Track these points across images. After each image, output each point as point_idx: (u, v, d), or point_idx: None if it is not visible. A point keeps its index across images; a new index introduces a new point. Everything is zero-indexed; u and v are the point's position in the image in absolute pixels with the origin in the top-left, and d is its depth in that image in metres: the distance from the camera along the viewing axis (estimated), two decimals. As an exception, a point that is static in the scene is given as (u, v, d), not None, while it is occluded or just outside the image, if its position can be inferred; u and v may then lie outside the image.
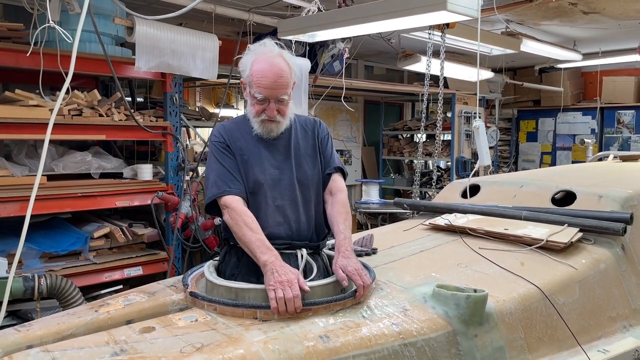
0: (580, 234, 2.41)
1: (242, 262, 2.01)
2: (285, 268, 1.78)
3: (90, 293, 3.76)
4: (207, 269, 2.00)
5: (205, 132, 6.00)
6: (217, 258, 2.15)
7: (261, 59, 1.97)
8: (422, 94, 4.91)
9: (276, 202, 2.02)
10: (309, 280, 1.87)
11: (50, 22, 1.96)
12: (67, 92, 3.56)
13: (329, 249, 2.23)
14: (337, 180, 2.14)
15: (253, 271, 1.94)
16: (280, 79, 1.94)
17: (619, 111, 8.13)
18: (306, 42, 4.75)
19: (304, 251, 2.01)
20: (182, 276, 2.08)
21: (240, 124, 2.12)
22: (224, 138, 2.06)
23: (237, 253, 2.04)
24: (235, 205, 1.94)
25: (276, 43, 2.03)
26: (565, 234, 2.37)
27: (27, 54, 3.20)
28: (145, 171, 4.21)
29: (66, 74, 3.21)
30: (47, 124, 2.55)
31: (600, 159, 4.96)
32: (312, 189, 2.10)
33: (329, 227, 2.10)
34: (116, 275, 3.98)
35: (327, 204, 2.11)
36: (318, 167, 2.13)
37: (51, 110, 3.56)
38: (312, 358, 1.54)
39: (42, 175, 3.59)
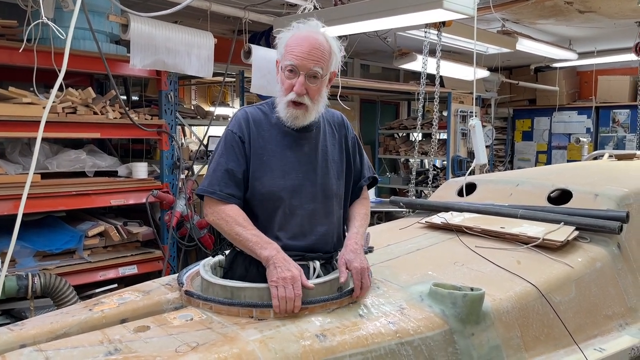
0: (576, 233, 2.41)
1: (250, 273, 1.88)
2: (288, 263, 1.70)
3: (85, 292, 3.74)
4: (203, 268, 1.98)
5: (201, 131, 5.98)
6: (218, 256, 2.06)
7: (299, 33, 1.82)
8: (418, 93, 4.91)
9: (294, 212, 1.86)
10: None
11: (43, 18, 1.94)
12: (62, 89, 3.55)
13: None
14: (364, 190, 2.09)
15: (261, 282, 1.81)
16: (315, 50, 1.77)
17: (614, 110, 8.16)
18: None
19: (317, 263, 1.88)
20: (177, 275, 2.06)
21: (268, 113, 1.91)
22: (243, 131, 1.86)
23: (244, 263, 1.90)
24: (222, 207, 1.81)
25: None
26: (562, 233, 2.37)
27: (20, 51, 3.18)
28: (140, 169, 4.19)
29: (60, 72, 3.21)
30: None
31: (595, 158, 4.96)
32: (335, 200, 1.95)
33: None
34: (111, 274, 3.96)
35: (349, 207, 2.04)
36: (343, 177, 1.99)
37: (45, 107, 3.54)
38: (308, 357, 1.53)
39: (36, 173, 3.59)
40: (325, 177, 1.91)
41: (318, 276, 1.87)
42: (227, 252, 2.02)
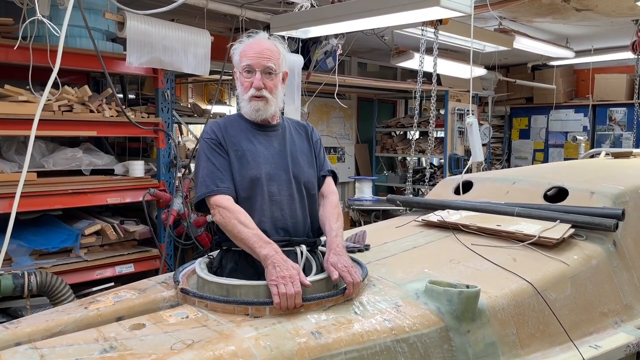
0: (572, 230, 2.42)
1: (241, 266, 1.99)
2: (286, 263, 1.76)
3: (82, 290, 3.74)
4: (199, 266, 1.98)
5: (198, 129, 5.98)
6: (211, 254, 2.12)
7: (249, 41, 2.06)
8: (415, 91, 4.91)
9: (273, 198, 2.00)
10: (311, 276, 1.85)
11: (38, 15, 1.93)
12: (58, 87, 3.54)
13: (323, 245, 2.22)
14: (329, 183, 2.19)
15: (253, 272, 1.92)
16: (266, 51, 2.00)
17: (610, 108, 8.17)
18: (299, 39, 4.73)
19: (304, 247, 1.98)
20: (173, 273, 2.06)
21: (234, 121, 2.12)
22: (217, 135, 2.04)
23: (233, 257, 2.01)
24: (226, 204, 1.92)
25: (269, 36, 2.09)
26: (558, 230, 2.38)
27: (14, 48, 3.16)
28: (137, 168, 4.18)
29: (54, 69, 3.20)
30: (38, 119, 2.49)
31: (592, 156, 4.97)
32: (309, 185, 2.10)
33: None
34: (107, 272, 3.95)
35: (319, 206, 2.14)
36: (314, 167, 2.16)
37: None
38: (303, 354, 1.53)
39: (32, 172, 3.58)
40: (296, 166, 2.08)
41: (306, 260, 1.97)
42: (213, 253, 2.13)
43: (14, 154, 3.72)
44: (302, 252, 1.97)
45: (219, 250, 2.09)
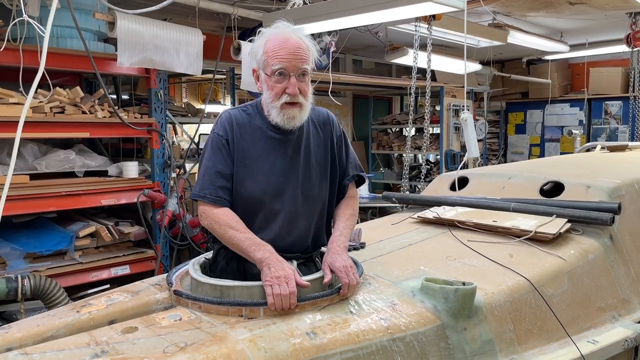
0: (568, 225, 2.40)
1: (230, 268, 1.96)
2: (281, 263, 1.72)
3: (77, 293, 3.71)
4: (192, 267, 1.96)
5: (192, 129, 5.95)
6: (207, 256, 2.09)
7: (275, 37, 1.83)
8: (410, 88, 4.89)
9: (275, 215, 1.90)
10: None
11: (24, 15, 1.90)
12: (49, 89, 3.51)
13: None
14: (351, 188, 2.09)
15: (240, 278, 1.89)
16: (299, 50, 1.79)
17: (606, 102, 8.18)
18: (292, 36, 4.70)
19: (294, 263, 1.90)
20: (166, 274, 2.04)
21: (252, 116, 1.93)
22: (227, 133, 1.88)
23: (226, 256, 1.98)
24: (214, 211, 1.84)
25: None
26: (554, 225, 2.36)
27: (1, 49, 3.13)
28: (131, 169, 4.16)
29: (47, 71, 3.16)
30: (29, 122, 2.46)
31: (588, 150, 4.97)
32: (317, 201, 1.98)
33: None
34: (103, 274, 3.93)
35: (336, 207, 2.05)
36: (327, 178, 2.00)
37: (33, 108, 3.50)
38: (298, 355, 1.51)
39: (25, 174, 3.56)
40: (307, 181, 1.94)
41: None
42: (208, 254, 2.08)
43: (5, 156, 3.68)
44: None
45: (217, 246, 2.02)
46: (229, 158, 1.88)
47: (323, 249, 2.06)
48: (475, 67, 6.82)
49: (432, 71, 4.88)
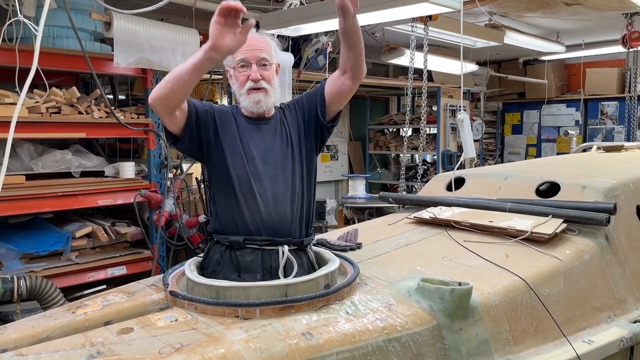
0: (564, 225, 2.41)
1: (224, 259, 1.99)
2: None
3: (74, 294, 3.70)
4: (188, 267, 1.96)
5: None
6: (201, 255, 2.11)
7: None
8: (407, 88, 4.89)
9: (258, 194, 1.96)
10: (291, 277, 1.84)
11: (19, 15, 1.90)
12: (46, 89, 3.50)
13: (315, 245, 2.21)
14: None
15: (234, 268, 1.92)
16: (258, 43, 1.98)
17: (602, 103, 8.19)
18: (289, 37, 4.71)
19: (286, 248, 1.96)
20: (162, 275, 2.04)
21: (232, 112, 2.08)
22: (214, 109, 2.02)
23: (220, 249, 2.01)
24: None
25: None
26: (550, 225, 2.37)
27: (-3, 50, 3.12)
28: (128, 169, 4.15)
29: (43, 71, 3.16)
30: (25, 122, 2.45)
31: (584, 150, 4.98)
32: (300, 181, 2.05)
33: None
34: (100, 275, 3.92)
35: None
36: (306, 158, 2.08)
37: (29, 108, 3.49)
38: (294, 356, 1.51)
39: (21, 174, 3.55)
40: (286, 162, 2.04)
41: (287, 261, 1.95)
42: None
43: (1, 157, 3.67)
44: (283, 253, 1.95)
45: (209, 242, 2.08)
46: (206, 114, 1.98)
47: (318, 236, 2.09)
48: (472, 67, 6.83)
49: (429, 71, 4.89)
